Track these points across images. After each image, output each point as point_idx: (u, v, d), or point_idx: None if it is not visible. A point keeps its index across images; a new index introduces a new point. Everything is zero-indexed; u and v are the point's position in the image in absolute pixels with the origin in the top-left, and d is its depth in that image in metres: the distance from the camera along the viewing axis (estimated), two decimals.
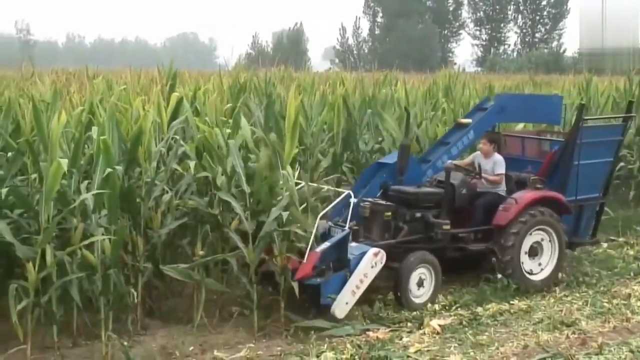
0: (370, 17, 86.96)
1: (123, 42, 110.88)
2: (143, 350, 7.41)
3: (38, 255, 6.79)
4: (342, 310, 7.99)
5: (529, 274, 9.50)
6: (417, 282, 8.73)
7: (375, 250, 8.27)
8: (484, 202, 9.61)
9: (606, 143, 10.42)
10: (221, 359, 7.28)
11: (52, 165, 6.78)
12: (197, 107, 10.51)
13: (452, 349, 7.58)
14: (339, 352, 7.32)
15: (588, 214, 10.57)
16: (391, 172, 9.67)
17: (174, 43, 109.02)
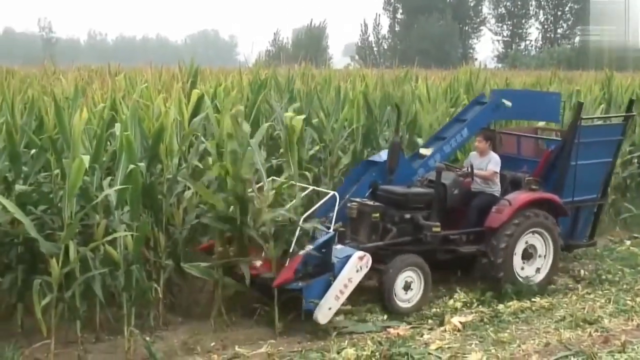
0: (390, 13, 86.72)
1: (144, 40, 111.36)
2: (165, 345, 7.46)
3: (61, 251, 6.84)
4: (325, 316, 7.72)
5: (521, 277, 9.20)
6: (404, 286, 8.43)
7: (361, 254, 7.98)
8: (478, 203, 9.31)
9: (605, 143, 10.13)
10: (242, 354, 7.30)
11: (75, 161, 6.83)
12: (218, 104, 10.53)
13: (473, 346, 7.57)
14: (360, 349, 7.31)
15: (585, 216, 10.30)
16: (381, 171, 9.35)
17: (194, 40, 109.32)
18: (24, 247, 7.50)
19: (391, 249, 8.66)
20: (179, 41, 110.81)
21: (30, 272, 7.41)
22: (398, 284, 8.36)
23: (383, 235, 8.76)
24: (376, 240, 8.68)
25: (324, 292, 7.72)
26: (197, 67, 11.57)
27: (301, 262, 7.75)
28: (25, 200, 7.39)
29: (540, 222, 9.20)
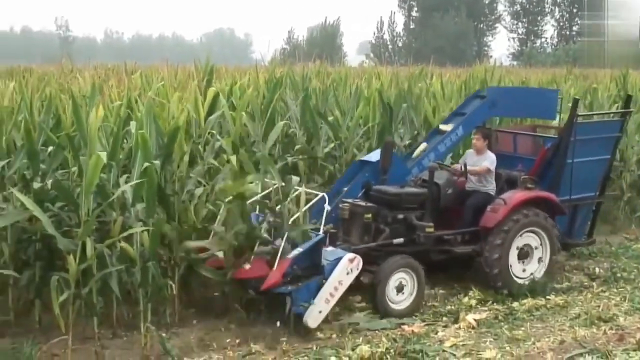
0: (405, 11, 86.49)
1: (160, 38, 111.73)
2: (181, 341, 7.47)
3: (79, 248, 6.87)
4: (315, 320, 7.52)
5: (516, 276, 9.03)
6: (397, 287, 8.21)
7: (351, 256, 7.76)
8: (472, 202, 9.13)
9: (603, 140, 9.89)
10: (258, 351, 7.32)
11: (92, 159, 6.87)
12: (234, 101, 10.56)
13: (487, 343, 7.55)
14: (374, 346, 7.31)
15: (583, 214, 10.06)
16: (374, 171, 9.11)
17: (210, 39, 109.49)
18: (41, 243, 7.56)
19: (384, 250, 8.46)
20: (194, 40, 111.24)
21: (47, 269, 7.46)
22: (390, 285, 8.17)
23: (375, 236, 8.55)
24: (368, 241, 8.48)
25: (314, 295, 7.55)
26: (212, 66, 11.62)
27: (290, 265, 7.57)
28: (43, 198, 7.44)
29: (536, 222, 9.01)
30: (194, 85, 9.35)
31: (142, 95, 9.86)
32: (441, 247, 8.89)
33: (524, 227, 8.93)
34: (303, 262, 7.71)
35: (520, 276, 9.04)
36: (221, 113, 9.97)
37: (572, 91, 13.98)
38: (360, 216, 8.47)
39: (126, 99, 9.19)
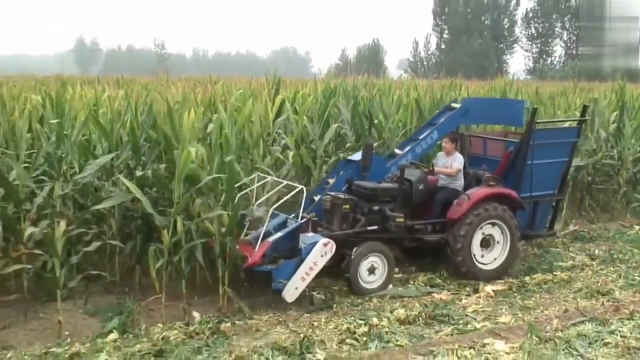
0: (438, 33, 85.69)
1: (237, 55, 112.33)
2: (251, 302, 7.53)
3: (171, 224, 6.97)
4: (292, 295, 7.27)
5: (480, 264, 8.58)
6: (369, 269, 7.94)
7: (325, 241, 7.47)
8: (442, 197, 8.75)
9: (560, 144, 9.37)
10: (313, 310, 7.37)
11: (184, 153, 6.95)
12: (296, 107, 10.59)
13: (503, 310, 7.47)
14: (409, 309, 7.30)
15: (543, 209, 9.56)
16: (356, 169, 8.75)
17: (277, 55, 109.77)
18: (141, 220, 7.69)
19: (361, 237, 8.13)
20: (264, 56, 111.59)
21: (146, 241, 7.60)
22: (363, 267, 7.89)
23: (353, 225, 8.25)
24: (347, 228, 8.20)
25: (292, 273, 7.29)
26: (279, 78, 11.64)
27: (270, 248, 7.37)
28: (143, 183, 7.57)
29: (497, 215, 8.57)
30: (265, 93, 9.41)
31: (223, 101, 9.94)
32: (413, 236, 8.56)
33: (486, 219, 8.51)
34: (283, 245, 7.49)
35: (483, 262, 8.61)
36: (286, 116, 10.03)
37: (577, 101, 13.64)
38: (339, 207, 8.20)
39: (210, 104, 9.29)
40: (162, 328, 6.70)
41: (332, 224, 8.25)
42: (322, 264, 7.42)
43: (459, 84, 15.08)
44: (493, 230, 8.66)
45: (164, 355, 5.99)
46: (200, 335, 6.55)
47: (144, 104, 8.56)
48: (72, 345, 6.26)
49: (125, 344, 6.31)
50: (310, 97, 11.06)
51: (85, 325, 6.78)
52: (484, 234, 8.61)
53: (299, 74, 46.58)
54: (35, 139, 7.90)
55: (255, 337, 6.55)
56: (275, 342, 6.30)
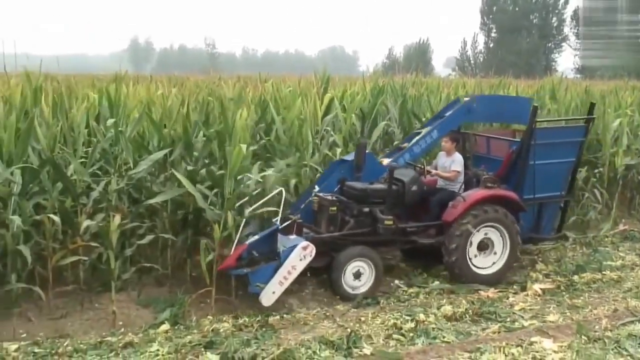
0: (485, 32, 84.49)
1: (286, 54, 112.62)
2: (299, 296, 7.57)
3: (222, 219, 7.03)
4: (269, 299, 6.95)
5: (475, 267, 8.12)
6: (354, 274, 7.55)
7: (305, 244, 7.13)
8: (438, 199, 8.32)
9: (566, 144, 8.79)
10: (361, 305, 7.37)
11: (235, 149, 7.00)
12: (345, 105, 10.57)
13: (551, 309, 7.33)
14: (456, 306, 7.22)
15: (550, 212, 8.99)
16: (350, 169, 8.29)
17: (325, 54, 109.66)
18: (193, 215, 7.76)
19: (349, 240, 7.74)
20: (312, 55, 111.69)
21: (197, 234, 7.67)
22: (347, 272, 7.52)
23: (342, 227, 7.86)
24: (334, 231, 7.79)
25: (271, 277, 7.00)
26: (328, 76, 11.64)
27: (245, 251, 7.08)
28: (196, 179, 7.64)
29: (495, 217, 8.09)
30: (314, 92, 9.42)
31: (273, 99, 10.00)
32: (406, 239, 8.15)
33: (482, 222, 8.05)
34: (259, 248, 7.19)
35: (480, 266, 8.16)
36: (335, 114, 10.02)
37: (629, 100, 13.25)
38: (326, 208, 7.82)
39: (261, 102, 9.35)
40: (212, 320, 6.76)
41: (320, 225, 7.89)
42: (301, 268, 7.12)
43: (507, 83, 14.85)
44: (491, 234, 8.20)
45: (213, 347, 6.05)
46: (249, 328, 6.59)
47: (196, 101, 8.65)
48: (126, 335, 6.37)
49: (177, 334, 6.39)
50: (358, 95, 11.04)
51: (138, 315, 6.88)
52: (482, 237, 8.15)
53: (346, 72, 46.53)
54: (91, 136, 8.07)
55: (302, 331, 6.56)
56: (323, 336, 6.30)
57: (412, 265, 8.76)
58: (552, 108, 11.94)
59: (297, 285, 7.76)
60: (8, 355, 5.83)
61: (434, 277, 8.32)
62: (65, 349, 5.99)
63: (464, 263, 8.01)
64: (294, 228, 7.63)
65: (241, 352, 5.87)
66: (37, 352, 5.94)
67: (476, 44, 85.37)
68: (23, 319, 6.66)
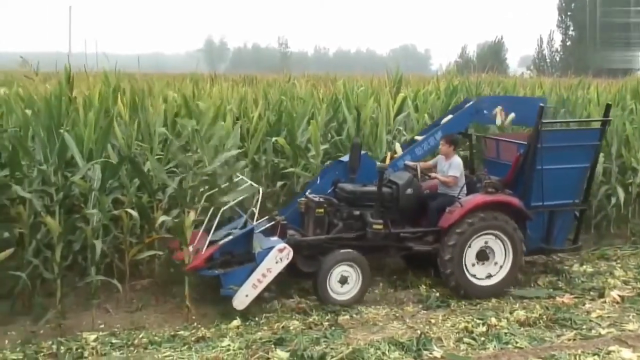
0: (563, 30, 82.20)
1: (357, 52, 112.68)
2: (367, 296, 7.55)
3: None
4: (242, 302, 6.70)
5: (474, 279, 7.58)
6: (340, 280, 7.20)
7: (281, 246, 6.85)
8: (437, 204, 7.81)
9: (579, 148, 8.13)
10: (431, 308, 7.29)
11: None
12: (418, 104, 10.48)
13: (630, 317, 7.06)
14: (529, 311, 7.06)
15: (562, 221, 8.26)
16: (344, 169, 7.96)
17: (396, 53, 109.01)
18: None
19: (336, 244, 7.41)
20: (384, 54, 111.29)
21: None
22: (333, 277, 7.18)
23: (329, 230, 7.54)
24: (320, 234, 7.47)
25: (245, 280, 6.75)
26: (401, 75, 11.57)
27: (218, 251, 6.84)
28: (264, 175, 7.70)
29: (495, 225, 7.55)
30: (387, 91, 9.39)
31: (345, 97, 10.01)
32: (400, 245, 7.72)
33: (481, 230, 7.50)
34: (233, 249, 6.93)
35: (478, 277, 7.62)
36: (407, 113, 9.96)
37: None
38: (313, 210, 7.49)
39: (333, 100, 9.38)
40: (282, 317, 6.83)
41: (306, 227, 7.60)
42: (277, 271, 6.85)
43: (587, 83, 14.38)
44: (492, 243, 7.65)
45: (283, 344, 6.10)
46: (319, 327, 6.62)
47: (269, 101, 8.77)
48: (198, 329, 6.51)
49: (247, 330, 6.49)
50: (432, 95, 10.93)
51: (210, 311, 7.02)
52: (481, 246, 7.62)
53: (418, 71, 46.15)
54: (169, 131, 8.29)
55: (372, 331, 6.55)
56: (392, 337, 6.28)
57: None
58: (635, 107, 11.45)
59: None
60: (87, 344, 6.06)
61: None
62: (141, 340, 6.18)
63: (460, 273, 7.49)
64: (277, 229, 7.39)
65: (310, 350, 5.92)
66: (114, 342, 6.15)
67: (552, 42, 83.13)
68: (101, 311, 6.92)
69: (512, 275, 7.75)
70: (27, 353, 5.89)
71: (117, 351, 5.98)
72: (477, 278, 7.61)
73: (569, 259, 9.18)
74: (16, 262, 6.60)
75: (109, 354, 5.93)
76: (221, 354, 5.88)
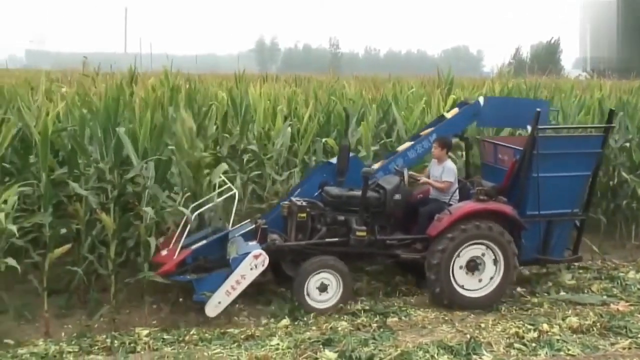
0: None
1: (408, 53, 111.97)
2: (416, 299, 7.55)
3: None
4: (214, 309, 6.59)
5: (461, 288, 7.25)
6: (319, 287, 6.98)
7: (257, 253, 6.68)
8: (427, 210, 7.50)
9: (579, 155, 7.67)
10: (480, 313, 7.21)
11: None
12: None
13: None
14: (582, 318, 6.92)
15: (560, 231, 7.82)
16: (334, 172, 7.68)
17: (448, 54, 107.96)
18: None
19: (318, 250, 7.19)
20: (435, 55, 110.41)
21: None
22: (311, 284, 6.97)
23: (312, 235, 7.31)
24: (302, 239, 7.26)
25: (219, 286, 6.63)
26: (452, 77, 11.49)
27: (190, 256, 6.68)
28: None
29: (486, 234, 7.20)
30: (438, 93, 9.35)
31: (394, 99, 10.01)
32: (387, 252, 7.45)
33: (470, 239, 7.17)
34: (206, 254, 6.79)
35: (466, 288, 7.30)
36: None
37: None
38: (295, 214, 7.28)
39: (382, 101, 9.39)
40: (330, 318, 6.86)
41: (289, 232, 7.39)
42: (252, 278, 6.71)
43: None
44: (483, 254, 7.31)
45: (332, 345, 6.13)
46: (367, 328, 6.62)
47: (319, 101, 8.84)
48: (248, 327, 6.60)
49: (296, 330, 6.54)
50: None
51: (259, 310, 7.11)
52: (471, 256, 7.28)
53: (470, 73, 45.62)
54: (220, 132, 8.43)
55: (421, 334, 6.52)
56: (441, 341, 6.24)
57: (536, 273, 8.49)
58: None
59: (416, 288, 7.76)
60: (140, 339, 6.21)
61: (559, 287, 8.04)
62: (192, 337, 6.29)
63: (447, 283, 7.17)
64: (257, 234, 7.21)
65: (359, 351, 5.93)
66: (166, 338, 6.29)
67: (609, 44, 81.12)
68: (153, 307, 7.05)
69: (501, 290, 7.38)
70: (82, 346, 6.08)
71: (168, 347, 6.11)
72: (464, 288, 7.29)
73: (625, 265, 8.99)
74: (73, 258, 6.84)
75: (160, 349, 6.06)
76: (270, 352, 5.94)
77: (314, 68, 35.25)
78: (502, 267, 7.31)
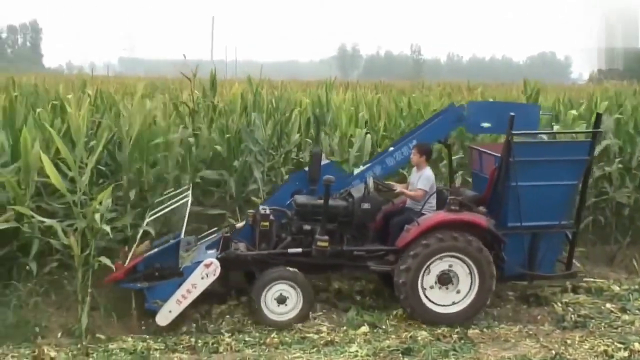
0: None
1: (492, 60, 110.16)
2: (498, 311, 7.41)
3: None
4: (165, 318, 6.46)
5: (433, 305, 6.85)
6: (277, 299, 6.75)
7: (208, 262, 6.54)
8: (398, 220, 7.16)
9: (564, 163, 7.12)
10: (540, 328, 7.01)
11: None
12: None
13: None
14: None
15: (548, 244, 7.28)
16: (305, 180, 7.37)
17: (533, 60, 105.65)
18: None
19: (281, 260, 6.93)
20: (520, 61, 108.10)
21: None
22: (269, 296, 6.75)
23: (276, 244, 7.06)
24: (266, 248, 7.01)
25: (171, 294, 6.50)
26: (538, 88, 11.18)
27: (141, 264, 6.55)
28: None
29: (457, 247, 6.76)
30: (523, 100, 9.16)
31: None
32: (355, 263, 7.10)
33: (440, 251, 6.75)
34: (159, 262, 6.60)
35: (438, 304, 6.87)
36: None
37: None
38: (259, 223, 7.04)
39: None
40: (410, 327, 6.80)
41: (254, 241, 7.15)
42: (203, 287, 6.59)
43: None
44: (456, 267, 6.86)
45: (411, 354, 6.10)
46: (447, 339, 6.54)
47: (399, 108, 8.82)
48: (328, 333, 6.62)
49: (375, 337, 6.53)
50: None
51: (338, 317, 7.11)
52: (444, 269, 6.85)
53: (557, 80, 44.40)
54: (302, 136, 8.55)
55: (503, 347, 6.39)
56: (525, 355, 6.12)
57: (627, 289, 8.18)
58: None
59: (498, 299, 7.60)
60: (223, 340, 6.37)
61: None
62: (272, 340, 6.39)
63: (416, 301, 6.82)
64: (220, 243, 7.10)
65: None
66: (247, 340, 6.42)
67: None
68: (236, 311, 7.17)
69: (480, 302, 6.94)
70: (167, 344, 6.29)
71: (249, 349, 6.22)
72: (438, 304, 6.89)
73: None
74: None
75: (242, 350, 6.19)
76: (349, 359, 5.96)
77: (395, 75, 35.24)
78: (477, 279, 6.87)
